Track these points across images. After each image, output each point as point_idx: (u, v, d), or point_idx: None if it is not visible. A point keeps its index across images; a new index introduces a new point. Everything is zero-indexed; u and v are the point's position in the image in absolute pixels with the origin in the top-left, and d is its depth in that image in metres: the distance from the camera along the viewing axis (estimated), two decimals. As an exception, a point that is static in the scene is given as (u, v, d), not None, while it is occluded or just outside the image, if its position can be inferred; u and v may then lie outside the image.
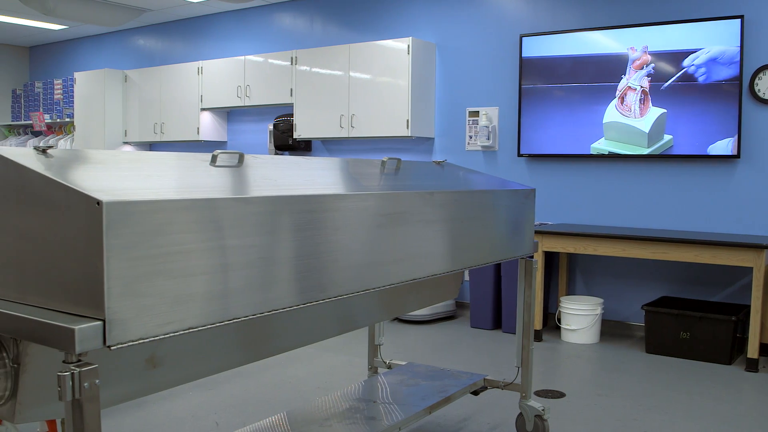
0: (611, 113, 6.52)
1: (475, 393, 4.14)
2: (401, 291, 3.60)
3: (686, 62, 6.15)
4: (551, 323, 6.72)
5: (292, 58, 8.17)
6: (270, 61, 8.42)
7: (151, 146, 10.13)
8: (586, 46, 6.64)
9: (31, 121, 11.61)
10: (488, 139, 7.21)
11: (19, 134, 12.18)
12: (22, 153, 1.90)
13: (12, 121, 12.27)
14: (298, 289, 2.18)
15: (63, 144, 10.81)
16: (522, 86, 6.97)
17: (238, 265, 1.98)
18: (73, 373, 1.61)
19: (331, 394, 3.67)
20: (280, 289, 2.12)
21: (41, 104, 11.57)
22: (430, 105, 7.58)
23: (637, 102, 6.39)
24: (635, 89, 6.40)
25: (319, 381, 4.99)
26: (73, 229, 1.69)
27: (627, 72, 6.43)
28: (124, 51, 10.79)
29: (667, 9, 6.29)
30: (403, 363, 4.34)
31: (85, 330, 1.61)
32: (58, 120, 11.20)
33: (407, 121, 7.27)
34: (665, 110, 6.25)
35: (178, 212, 1.81)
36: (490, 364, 5.50)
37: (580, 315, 6.28)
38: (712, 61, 6.04)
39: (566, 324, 6.35)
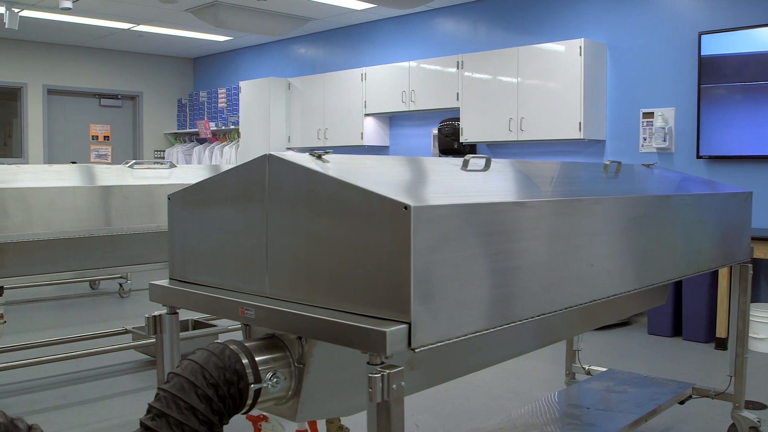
0: (801, 111, 6.20)
1: (681, 402, 4.01)
2: (621, 299, 3.52)
3: None
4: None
5: (458, 62, 8.19)
6: (435, 66, 8.46)
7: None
8: (771, 42, 6.34)
9: (196, 129, 12.11)
10: (664, 140, 7.00)
11: (185, 142, 12.72)
12: (307, 159, 1.96)
13: (178, 129, 12.84)
14: (567, 293, 2.16)
15: (228, 151, 11.21)
16: (701, 86, 6.72)
17: (516, 268, 1.97)
18: (383, 375, 1.63)
19: (541, 399, 3.63)
20: (557, 291, 2.10)
21: (206, 112, 12.04)
22: (602, 107, 7.42)
23: (831, 99, 6.06)
24: (829, 86, 6.06)
25: (508, 385, 4.95)
26: (375, 233, 1.72)
27: (819, 68, 6.11)
28: (286, 59, 11.09)
29: None
30: (603, 369, 4.26)
31: (394, 333, 1.64)
32: (223, 127, 11.63)
33: (580, 123, 7.15)
34: None
35: (470, 216, 1.82)
36: (676, 373, 5.32)
37: (769, 323, 6.00)
38: None
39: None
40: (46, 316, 7.54)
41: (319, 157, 2.02)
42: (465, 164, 2.33)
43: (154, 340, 5.18)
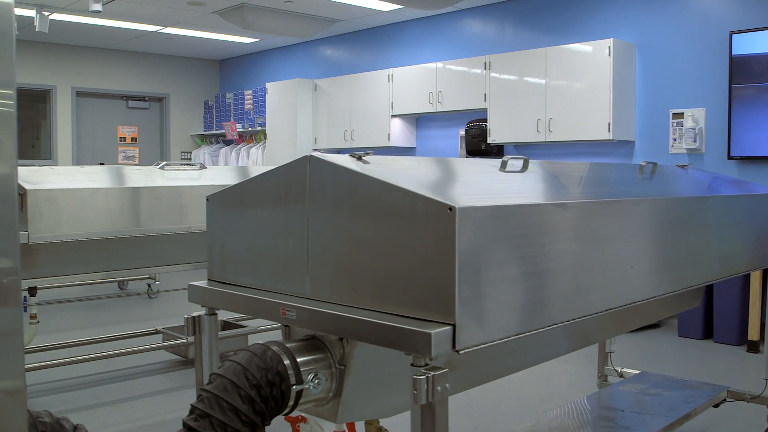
0: (835, 112, 6.13)
1: (716, 405, 3.97)
2: (656, 302, 3.49)
3: None
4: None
5: (485, 63, 8.17)
6: (462, 67, 8.45)
7: (340, 152, 10.37)
8: (804, 42, 6.27)
9: (223, 131, 12.16)
10: (694, 141, 6.94)
11: (211, 143, 12.78)
12: (348, 160, 1.96)
13: (204, 131, 12.90)
14: (604, 296, 2.15)
15: (255, 152, 11.24)
16: (732, 86, 6.65)
17: (557, 270, 1.96)
18: (428, 376, 1.63)
19: (575, 402, 3.61)
20: (595, 294, 2.09)
21: (232, 114, 12.09)
22: (631, 107, 7.38)
23: None
24: None
25: (539, 387, 4.93)
26: (418, 235, 1.72)
27: None
28: (312, 61, 11.11)
29: None
30: (636, 372, 4.23)
31: (439, 334, 1.63)
32: (249, 129, 11.67)
33: (609, 124, 7.11)
34: None
35: (512, 217, 1.81)
36: (708, 376, 5.26)
37: (802, 326, 5.92)
38: None
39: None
40: (76, 316, 7.61)
41: (359, 158, 2.02)
42: (503, 165, 2.32)
43: (184, 340, 5.21)
